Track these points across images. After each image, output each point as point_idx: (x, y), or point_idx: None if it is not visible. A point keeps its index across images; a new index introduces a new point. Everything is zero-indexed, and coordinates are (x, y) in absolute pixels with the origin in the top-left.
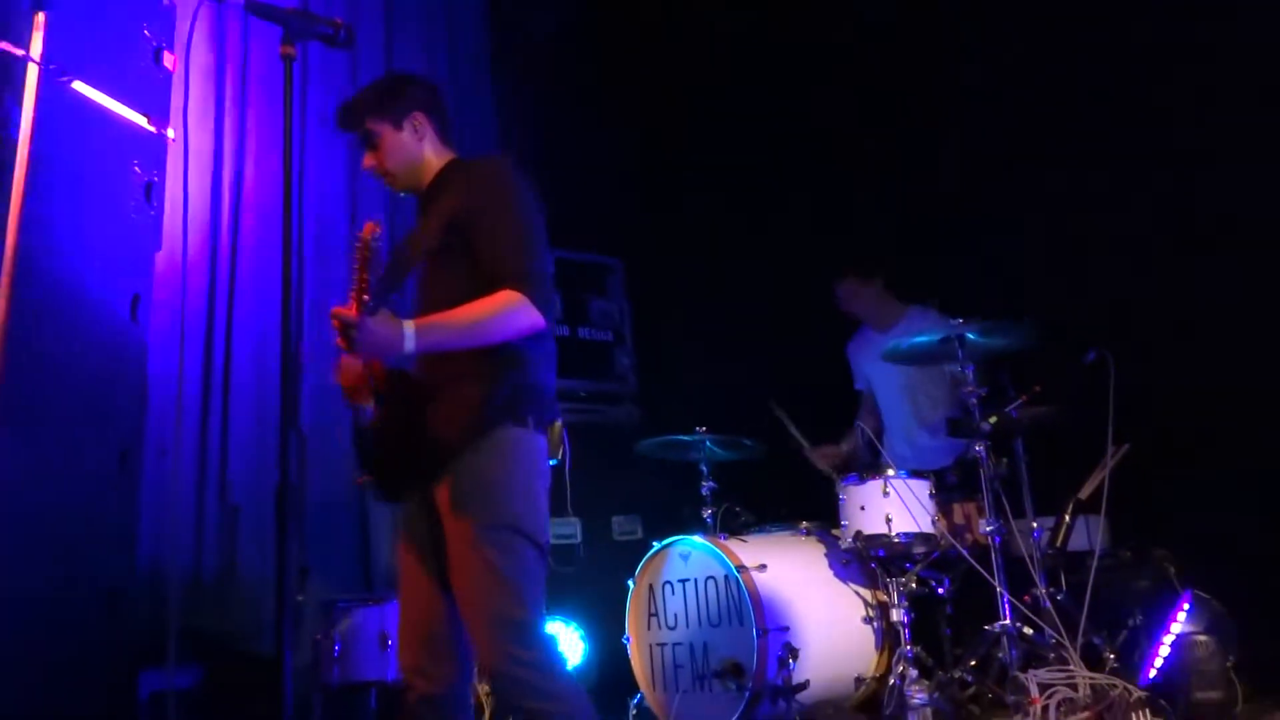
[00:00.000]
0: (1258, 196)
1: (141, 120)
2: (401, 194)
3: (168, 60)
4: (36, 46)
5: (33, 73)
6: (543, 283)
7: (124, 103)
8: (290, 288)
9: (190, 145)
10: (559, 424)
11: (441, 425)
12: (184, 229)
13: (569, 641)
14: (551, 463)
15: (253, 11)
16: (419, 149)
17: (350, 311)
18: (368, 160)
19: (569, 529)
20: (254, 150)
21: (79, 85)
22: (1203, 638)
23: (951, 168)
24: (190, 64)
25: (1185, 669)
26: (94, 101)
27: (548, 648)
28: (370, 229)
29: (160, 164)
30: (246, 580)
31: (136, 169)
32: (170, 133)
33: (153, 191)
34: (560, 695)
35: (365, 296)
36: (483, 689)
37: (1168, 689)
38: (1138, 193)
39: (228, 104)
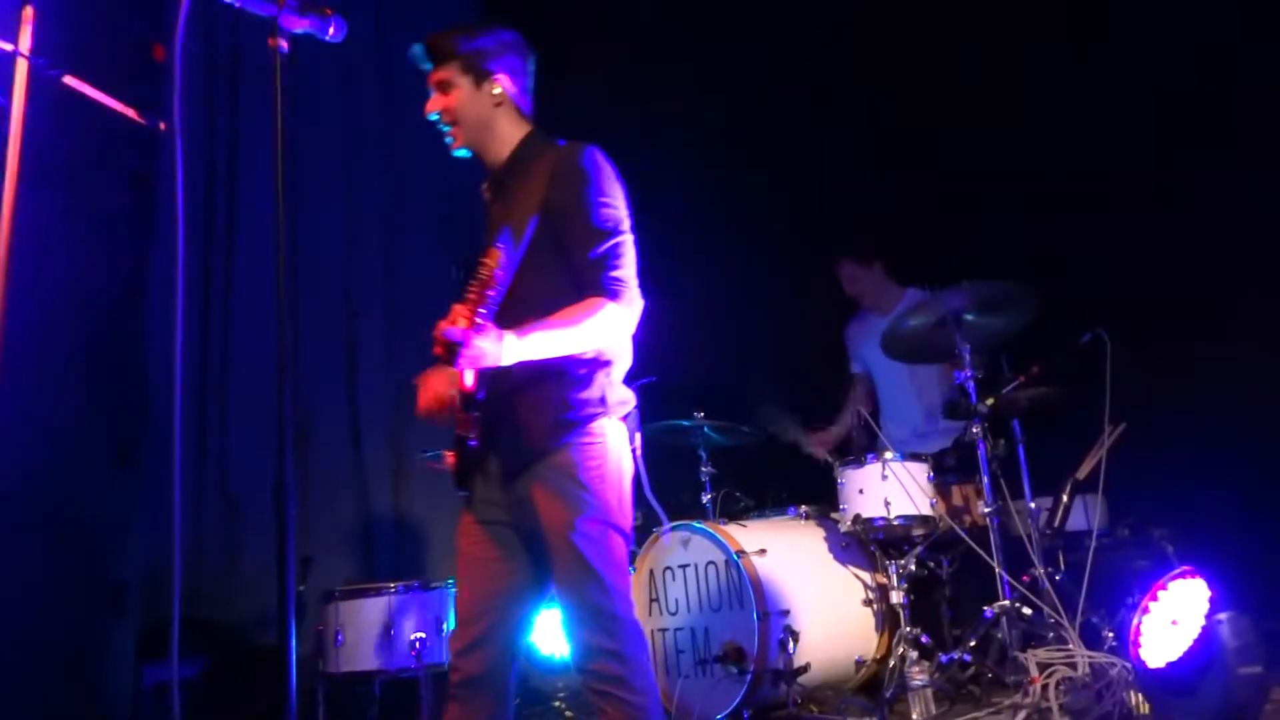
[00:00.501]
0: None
1: (132, 113)
2: (457, 153)
3: (158, 52)
4: (25, 41)
5: (22, 67)
6: (633, 288)
7: (114, 95)
8: (285, 278)
9: (183, 137)
10: (634, 413)
11: (534, 420)
12: (180, 219)
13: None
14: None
15: (241, 4)
16: (493, 115)
17: (459, 327)
18: (435, 104)
19: None
20: (246, 141)
21: (69, 79)
22: (1231, 614)
23: (942, 149)
24: (182, 56)
25: (1221, 646)
26: (85, 95)
27: (637, 641)
28: (496, 256)
29: (153, 156)
30: (248, 570)
31: (131, 162)
32: (161, 125)
33: (145, 183)
34: (646, 690)
35: (479, 317)
36: None
37: (1196, 674)
38: (1135, 172)
39: (221, 96)
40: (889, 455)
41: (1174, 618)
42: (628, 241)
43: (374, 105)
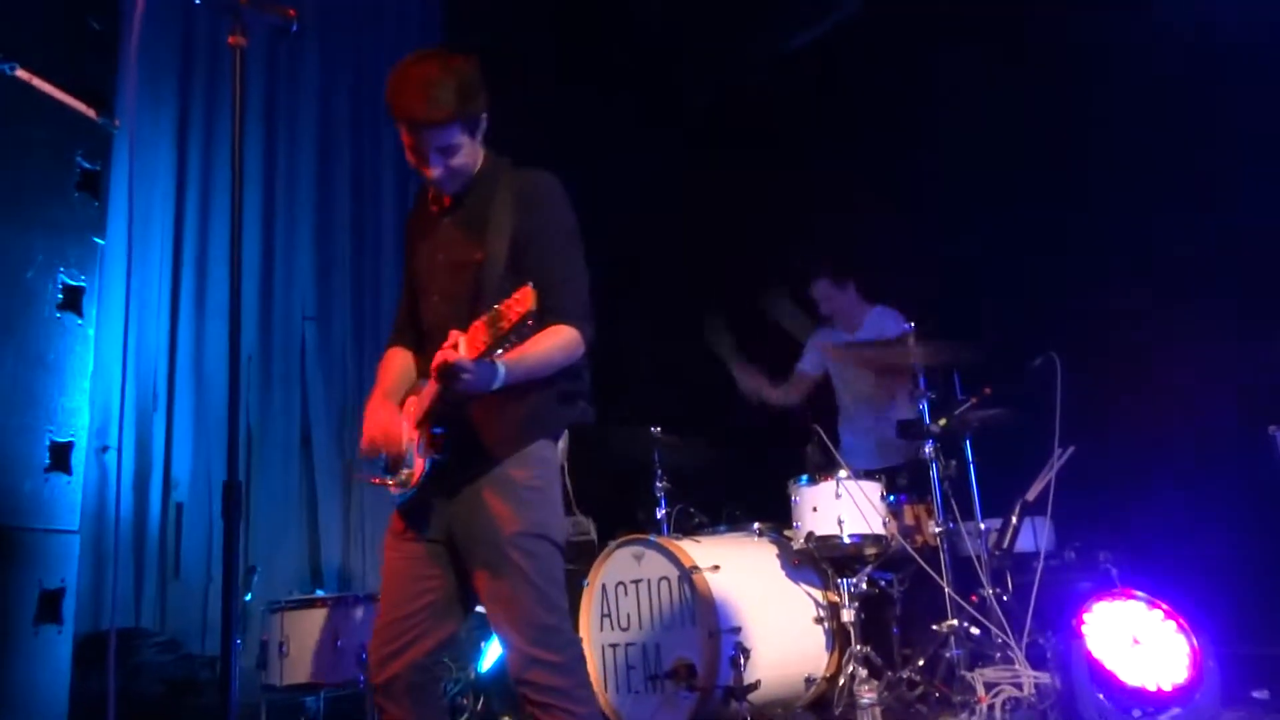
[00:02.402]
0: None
1: (86, 109)
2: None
3: (115, 49)
4: None
5: None
6: (591, 318)
7: (68, 91)
8: (239, 283)
9: (138, 135)
10: (565, 431)
11: (484, 434)
12: (129, 219)
13: None
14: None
15: (201, 1)
16: (479, 153)
17: (466, 359)
18: (438, 171)
19: None
20: (215, 140)
21: (22, 73)
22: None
23: (906, 174)
24: (143, 53)
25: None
26: (38, 89)
27: (576, 652)
28: (531, 296)
29: (105, 153)
30: (191, 579)
31: (80, 158)
32: (116, 122)
33: (97, 181)
34: (588, 700)
35: (500, 352)
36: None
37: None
38: (1091, 199)
39: (180, 93)
40: (843, 474)
41: (1135, 636)
42: (585, 271)
43: (337, 111)
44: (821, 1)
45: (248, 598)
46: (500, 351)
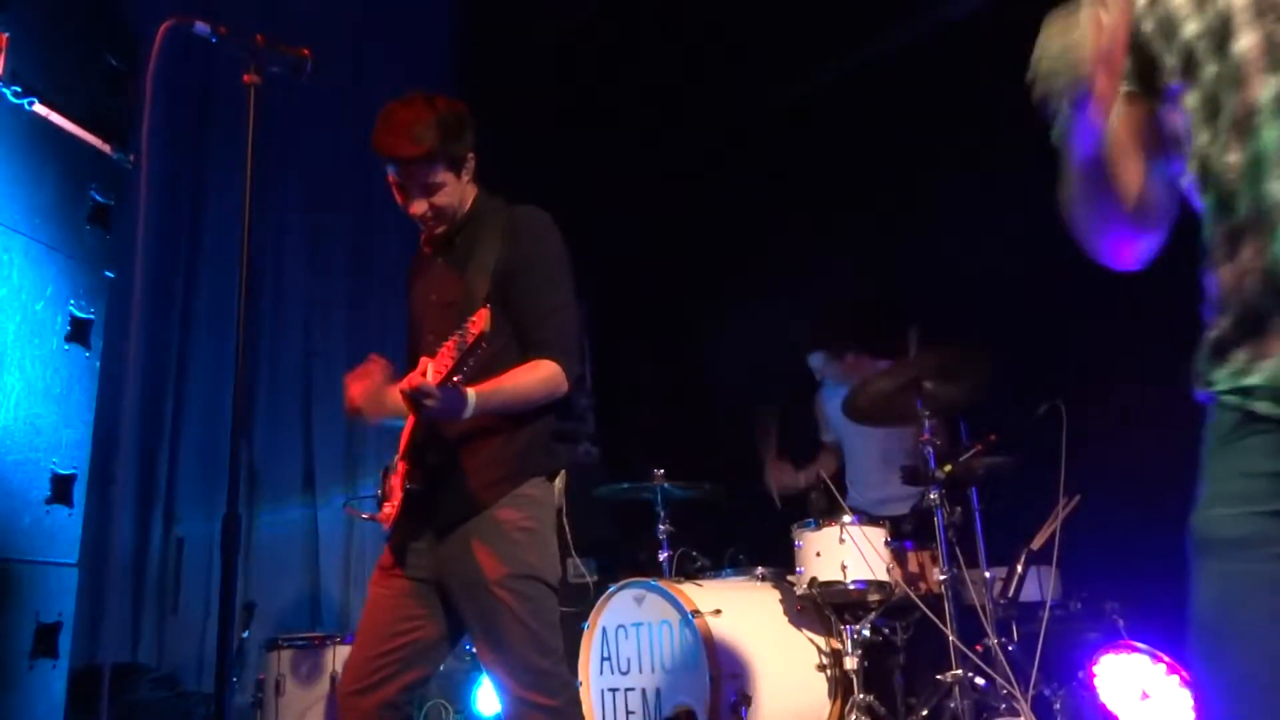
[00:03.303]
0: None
1: (101, 144)
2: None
3: (131, 85)
4: None
5: None
6: (576, 355)
7: (84, 126)
8: (245, 317)
9: (151, 171)
10: (563, 472)
11: (475, 475)
12: (139, 254)
13: None
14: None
15: (218, 40)
16: (466, 192)
17: (429, 384)
18: (420, 208)
19: None
20: (214, 178)
21: (39, 107)
22: None
23: (913, 224)
24: (155, 90)
25: None
26: (54, 123)
27: (570, 697)
28: (486, 317)
29: (118, 188)
30: (189, 614)
31: (94, 191)
32: (131, 157)
33: (110, 215)
34: None
35: (457, 377)
36: None
37: None
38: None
39: (191, 130)
40: (847, 519)
41: (1144, 689)
42: (573, 306)
43: (344, 149)
44: (820, 56)
45: (245, 635)
46: (458, 375)
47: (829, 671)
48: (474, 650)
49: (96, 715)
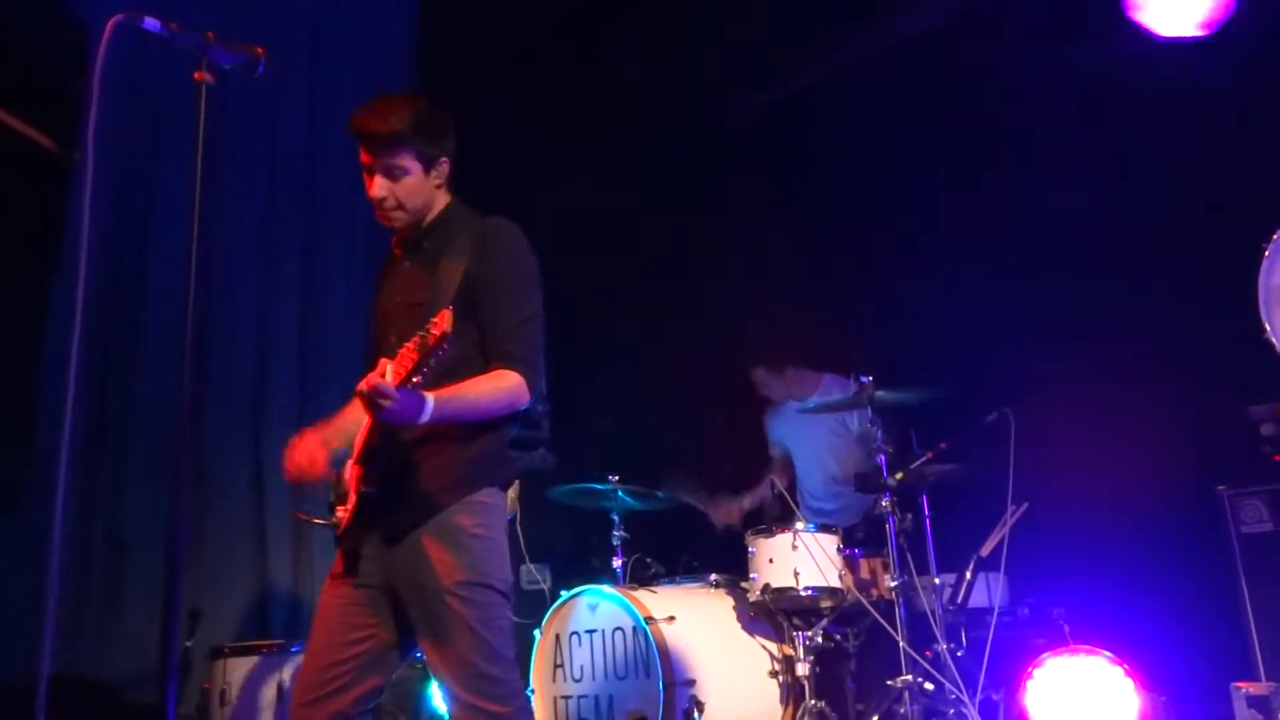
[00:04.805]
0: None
1: (45, 141)
2: (389, 227)
3: (79, 82)
4: None
5: None
6: (540, 368)
7: (29, 123)
8: (192, 321)
9: (99, 169)
10: (517, 482)
11: (430, 480)
12: (84, 253)
13: None
14: (507, 518)
15: (169, 35)
16: (434, 195)
17: (388, 384)
18: (380, 189)
19: None
20: (165, 176)
21: None
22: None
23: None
24: (104, 87)
25: None
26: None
27: (519, 703)
28: (448, 319)
29: (64, 186)
30: (132, 623)
31: (39, 191)
32: (77, 153)
33: (54, 213)
34: None
35: (417, 378)
36: None
37: None
38: (1044, 258)
39: (141, 128)
40: (800, 526)
41: (1085, 689)
42: (540, 319)
43: (300, 149)
44: (776, 69)
45: (188, 643)
46: (418, 377)
47: (781, 678)
48: (424, 658)
49: None
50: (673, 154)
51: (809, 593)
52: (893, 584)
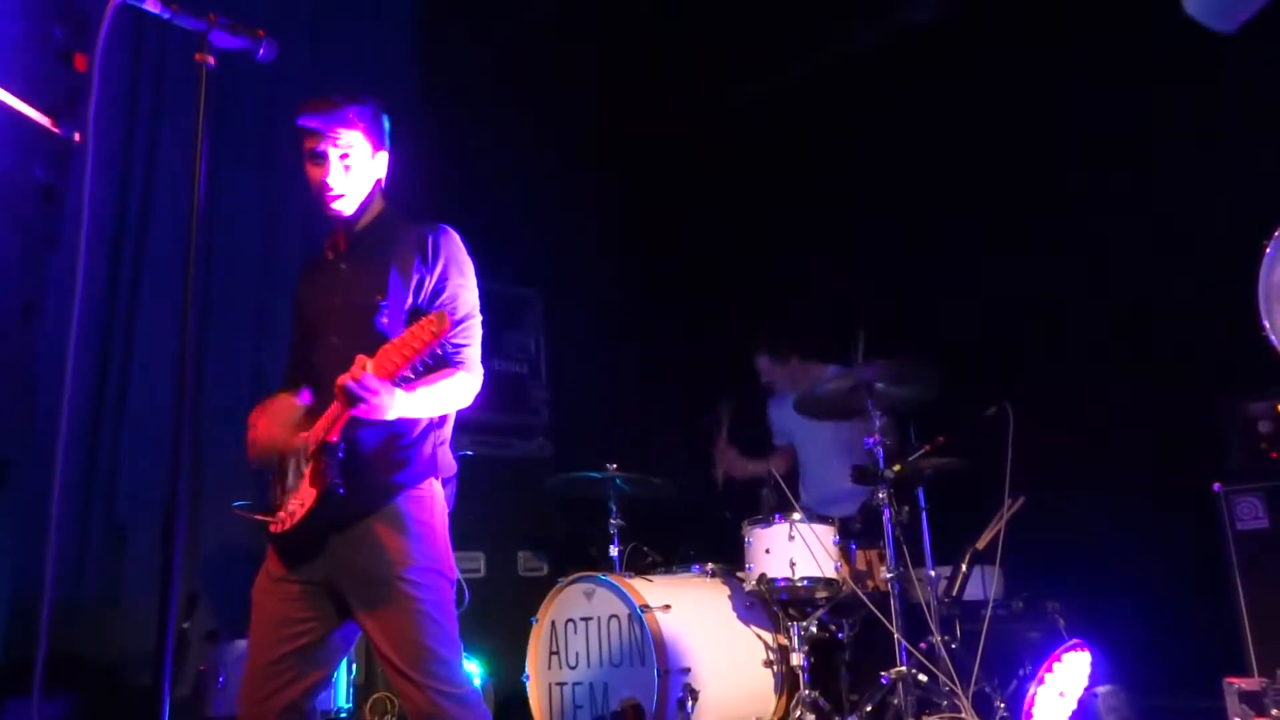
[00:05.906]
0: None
1: (46, 122)
2: (328, 215)
3: (79, 62)
4: None
5: None
6: (479, 364)
7: (30, 103)
8: (192, 302)
9: (98, 150)
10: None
11: (376, 472)
12: (85, 235)
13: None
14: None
15: (170, 17)
16: (374, 186)
17: (371, 377)
18: (327, 170)
19: (472, 562)
20: (165, 158)
21: None
22: (1110, 687)
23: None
24: (104, 67)
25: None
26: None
27: (470, 683)
28: (447, 320)
29: (64, 167)
30: (129, 604)
31: (39, 170)
32: (76, 136)
33: (53, 194)
34: None
35: (410, 374)
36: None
37: None
38: (1047, 253)
39: (142, 110)
40: (796, 516)
41: (1061, 689)
42: (479, 321)
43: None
44: (774, 59)
45: (185, 625)
46: (409, 374)
47: (775, 667)
48: (373, 646)
49: (28, 707)
50: (673, 144)
51: (805, 583)
52: (888, 575)
